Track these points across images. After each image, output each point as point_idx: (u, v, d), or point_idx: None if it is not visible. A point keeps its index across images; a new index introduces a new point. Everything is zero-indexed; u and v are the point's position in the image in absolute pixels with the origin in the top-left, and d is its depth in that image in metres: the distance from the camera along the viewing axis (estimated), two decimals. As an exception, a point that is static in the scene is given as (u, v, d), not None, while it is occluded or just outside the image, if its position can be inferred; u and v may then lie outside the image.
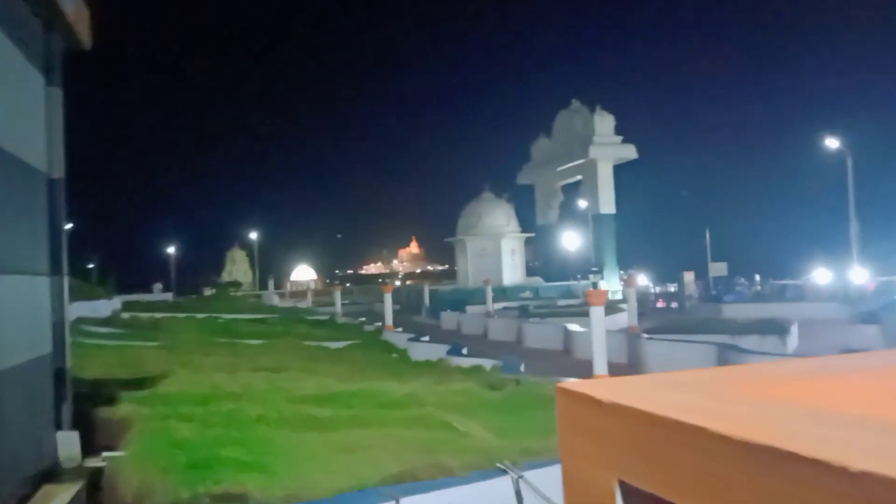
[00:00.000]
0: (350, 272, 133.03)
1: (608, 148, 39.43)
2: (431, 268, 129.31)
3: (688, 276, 37.52)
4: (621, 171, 40.44)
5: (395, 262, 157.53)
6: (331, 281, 76.92)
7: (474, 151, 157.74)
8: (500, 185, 47.59)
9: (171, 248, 63.07)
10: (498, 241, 42.55)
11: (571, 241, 44.74)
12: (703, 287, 38.35)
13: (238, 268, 63.76)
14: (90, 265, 45.57)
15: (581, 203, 42.99)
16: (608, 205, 39.76)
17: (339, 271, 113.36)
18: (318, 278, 77.16)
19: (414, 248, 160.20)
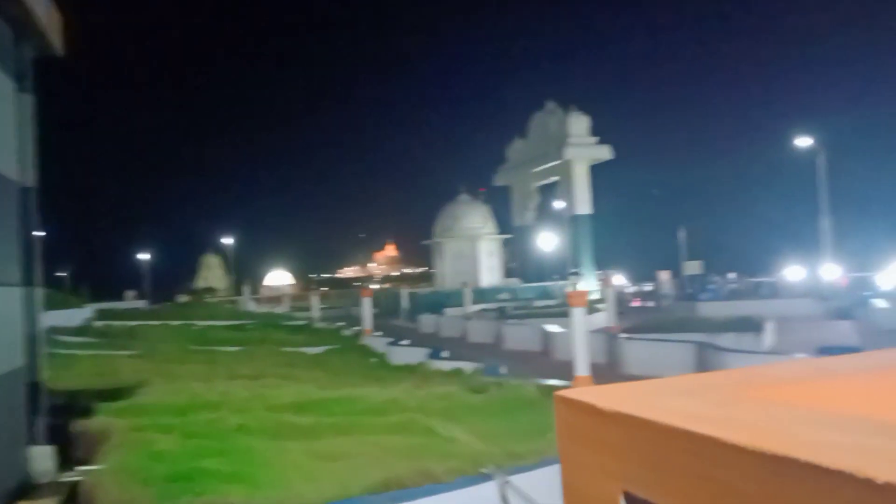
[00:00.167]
0: (327, 276, 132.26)
1: (583, 149, 39.67)
2: (409, 271, 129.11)
3: (663, 275, 37.95)
4: (597, 171, 40.73)
5: (372, 265, 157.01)
6: (307, 285, 76.35)
7: (451, 154, 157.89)
8: (475, 187, 47.73)
9: (145, 255, 62.24)
10: (475, 243, 42.63)
11: (548, 241, 44.94)
12: (677, 285, 38.78)
13: (213, 274, 63.06)
14: (62, 273, 44.83)
15: (557, 204, 43.20)
16: (584, 205, 40.00)
17: (315, 275, 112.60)
18: (295, 283, 76.53)
19: (391, 250, 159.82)
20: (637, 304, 38.31)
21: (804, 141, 30.73)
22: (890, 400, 1.24)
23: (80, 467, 4.77)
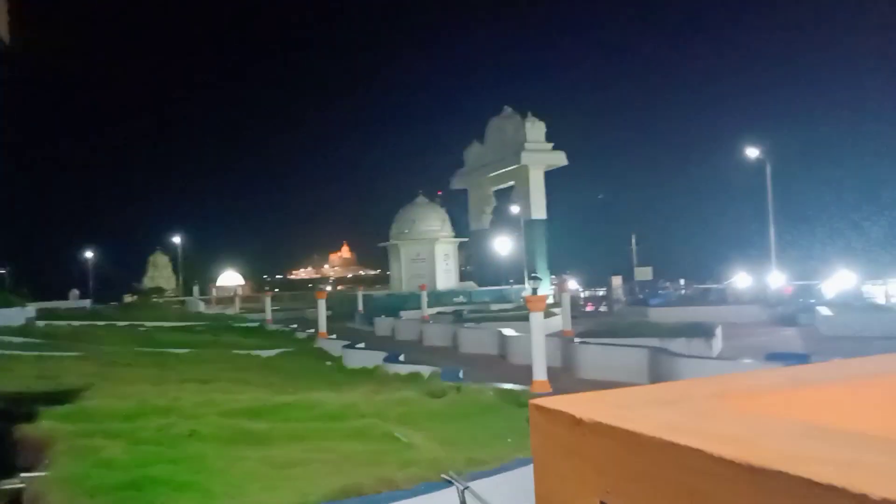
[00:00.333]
0: (279, 277, 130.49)
1: (539, 154, 40.04)
2: (363, 272, 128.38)
3: (615, 281, 38.57)
4: (552, 176, 41.17)
5: (325, 266, 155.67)
6: (259, 287, 75.14)
7: (408, 156, 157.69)
8: (433, 190, 47.74)
9: (89, 253, 60.42)
10: (432, 246, 42.61)
11: (504, 246, 45.22)
12: (628, 291, 39.50)
13: (160, 273, 61.50)
14: (1, 271, 43.14)
15: (513, 208, 43.50)
16: (539, 210, 40.35)
17: (267, 276, 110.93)
18: (246, 284, 75.22)
19: (345, 252, 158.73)
20: (590, 308, 38.89)
21: (752, 152, 31.65)
22: (868, 411, 1.26)
23: (23, 474, 4.57)
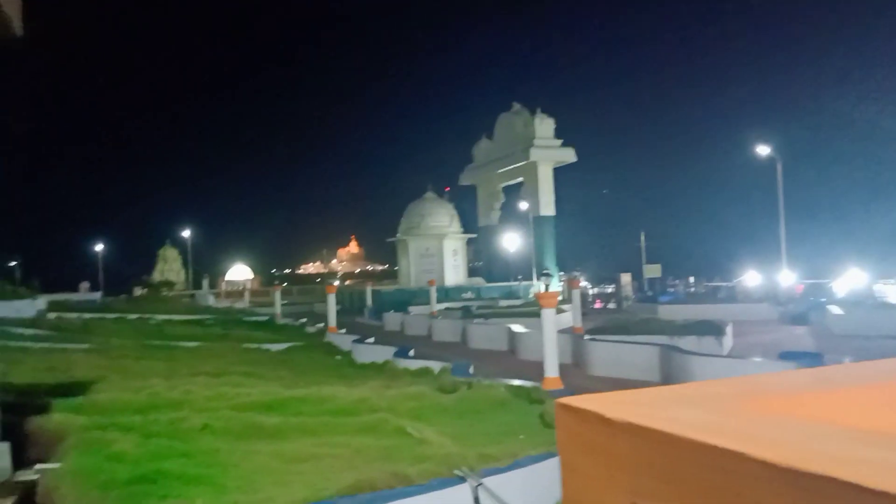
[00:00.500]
0: (288, 272, 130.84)
1: (548, 151, 39.91)
2: (371, 268, 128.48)
3: (625, 278, 38.40)
4: (561, 173, 41.05)
5: (334, 261, 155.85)
6: (268, 281, 75.33)
7: (417, 152, 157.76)
8: (442, 186, 47.69)
9: (99, 246, 60.73)
10: (441, 242, 42.57)
11: (512, 242, 45.16)
12: (637, 288, 39.33)
13: (170, 267, 61.73)
14: (12, 263, 43.42)
15: (522, 205, 43.41)
16: (548, 207, 40.25)
17: (276, 271, 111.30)
18: (255, 278, 75.41)
19: (353, 247, 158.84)
20: (599, 305, 38.75)
21: (764, 148, 31.39)
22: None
23: (38, 465, 4.58)
